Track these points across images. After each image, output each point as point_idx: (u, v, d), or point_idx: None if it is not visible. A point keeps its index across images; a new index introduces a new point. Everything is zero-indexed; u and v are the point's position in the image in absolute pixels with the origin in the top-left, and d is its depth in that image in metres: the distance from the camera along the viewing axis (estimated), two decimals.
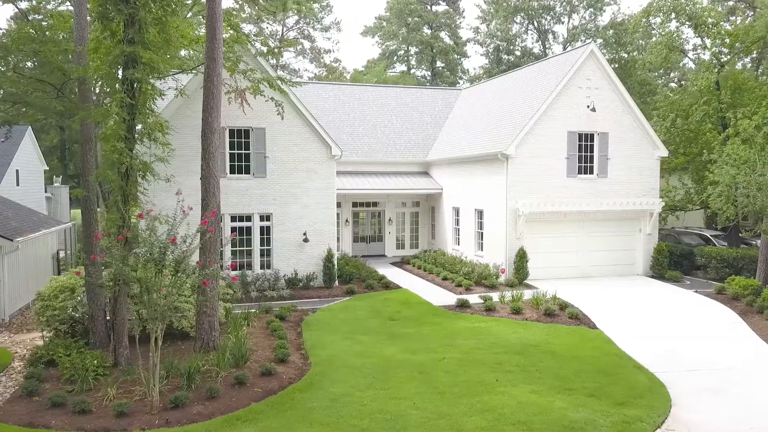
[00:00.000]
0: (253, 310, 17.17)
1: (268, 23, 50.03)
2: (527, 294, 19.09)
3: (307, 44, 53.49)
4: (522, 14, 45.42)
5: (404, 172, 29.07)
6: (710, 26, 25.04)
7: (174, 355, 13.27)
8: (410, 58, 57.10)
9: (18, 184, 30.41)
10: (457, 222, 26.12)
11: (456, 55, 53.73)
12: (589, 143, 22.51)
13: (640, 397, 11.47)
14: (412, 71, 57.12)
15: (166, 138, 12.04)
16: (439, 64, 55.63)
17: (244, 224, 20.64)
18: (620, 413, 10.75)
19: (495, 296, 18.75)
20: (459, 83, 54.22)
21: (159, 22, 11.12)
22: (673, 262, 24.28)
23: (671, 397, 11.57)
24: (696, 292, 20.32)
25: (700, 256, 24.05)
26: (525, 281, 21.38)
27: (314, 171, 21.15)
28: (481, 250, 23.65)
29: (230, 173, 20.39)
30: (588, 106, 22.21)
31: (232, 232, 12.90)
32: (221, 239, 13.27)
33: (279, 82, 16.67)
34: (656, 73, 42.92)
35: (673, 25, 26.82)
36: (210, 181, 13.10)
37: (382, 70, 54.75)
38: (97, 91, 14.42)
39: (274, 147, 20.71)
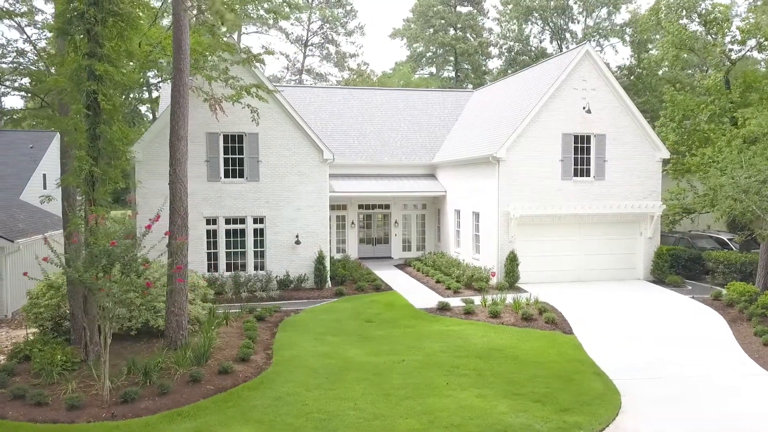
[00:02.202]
0: (235, 311, 17.73)
1: (292, 29, 51.05)
2: (517, 298, 18.81)
3: (332, 49, 54.31)
4: (536, 14, 44.85)
5: (410, 174, 29.20)
6: (720, 23, 24.23)
7: (145, 352, 13.89)
8: (437, 59, 57.07)
9: (45, 188, 32.02)
10: (459, 224, 26.10)
11: (480, 56, 53.34)
12: (585, 145, 22.16)
13: (587, 404, 11.35)
14: (440, 73, 57.07)
15: (128, 147, 12.61)
16: (464, 65, 55.38)
17: (238, 227, 21.27)
18: (560, 419, 10.69)
19: (477, 300, 18.72)
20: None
21: (119, 36, 11.71)
22: (681, 266, 23.62)
23: (622, 405, 11.41)
24: (693, 297, 19.75)
25: (708, 260, 23.30)
26: (516, 284, 21.23)
27: (306, 175, 21.57)
28: (478, 252, 23.60)
29: (225, 177, 21.05)
30: (583, 108, 21.87)
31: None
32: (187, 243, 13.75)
33: (256, 89, 17.08)
34: (690, 71, 41.62)
35: (683, 22, 26.04)
36: (177, 186, 13.65)
37: (408, 72, 54.90)
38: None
39: (267, 152, 21.25)
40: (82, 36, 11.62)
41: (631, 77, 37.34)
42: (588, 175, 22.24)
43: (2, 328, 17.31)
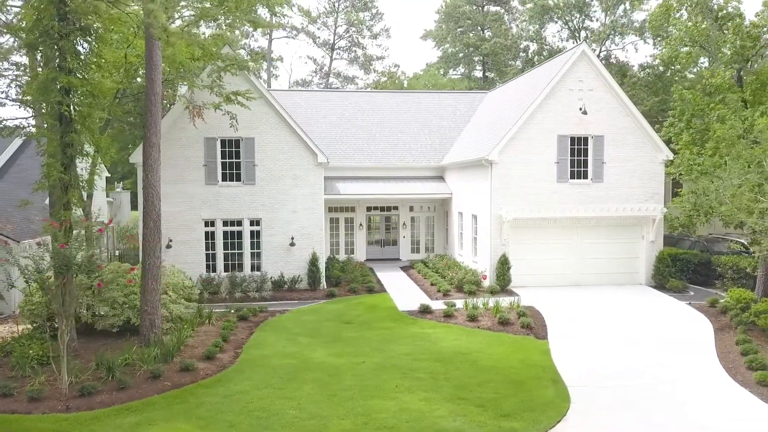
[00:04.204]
0: (222, 310, 18.32)
1: (319, 34, 51.86)
2: (503, 301, 18.59)
3: (359, 52, 54.74)
4: (551, 13, 43.98)
5: (419, 176, 29.22)
6: (733, 18, 23.29)
7: (121, 348, 14.59)
8: (466, 60, 56.68)
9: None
10: (461, 227, 26.03)
11: (506, 56, 52.65)
12: (582, 147, 21.73)
13: (530, 411, 11.28)
14: (470, 73, 56.67)
15: (98, 155, 13.33)
16: (492, 65, 54.78)
17: (236, 228, 21.93)
18: (497, 425, 10.70)
19: (460, 303, 18.70)
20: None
21: (89, 49, 12.42)
22: (691, 271, 22.83)
23: (567, 413, 11.29)
24: (689, 304, 19.11)
25: (717, 265, 22.45)
26: (508, 288, 21.05)
27: (301, 178, 22.03)
28: (476, 255, 23.50)
29: (222, 181, 21.75)
30: (579, 109, 21.45)
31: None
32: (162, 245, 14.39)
33: (236, 96, 17.64)
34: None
35: (695, 19, 25.12)
36: (149, 192, 14.31)
37: (435, 73, 54.80)
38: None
39: (263, 156, 21.82)
40: (50, 49, 12.38)
41: (652, 75, 36.13)
42: (585, 177, 21.81)
43: (7, 323, 18.48)
